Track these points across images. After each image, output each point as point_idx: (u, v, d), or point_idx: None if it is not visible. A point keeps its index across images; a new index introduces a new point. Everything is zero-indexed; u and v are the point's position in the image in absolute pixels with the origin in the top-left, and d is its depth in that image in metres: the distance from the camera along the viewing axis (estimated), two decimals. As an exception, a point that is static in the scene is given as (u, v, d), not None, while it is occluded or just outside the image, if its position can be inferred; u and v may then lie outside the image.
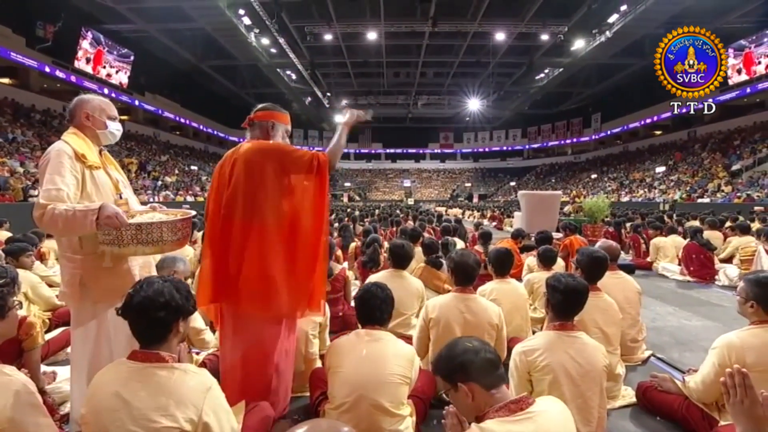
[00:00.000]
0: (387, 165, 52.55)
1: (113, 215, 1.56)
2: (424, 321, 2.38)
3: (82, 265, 1.73)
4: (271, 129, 2.01)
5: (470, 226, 9.69)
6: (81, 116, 1.86)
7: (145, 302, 1.27)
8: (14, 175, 12.14)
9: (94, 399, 1.25)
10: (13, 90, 19.39)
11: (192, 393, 1.25)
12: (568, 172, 39.79)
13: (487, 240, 5.11)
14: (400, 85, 33.79)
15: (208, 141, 38.05)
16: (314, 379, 2.15)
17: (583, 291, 1.80)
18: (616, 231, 7.93)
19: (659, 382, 2.16)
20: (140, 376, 1.25)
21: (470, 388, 1.22)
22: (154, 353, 1.28)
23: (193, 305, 1.40)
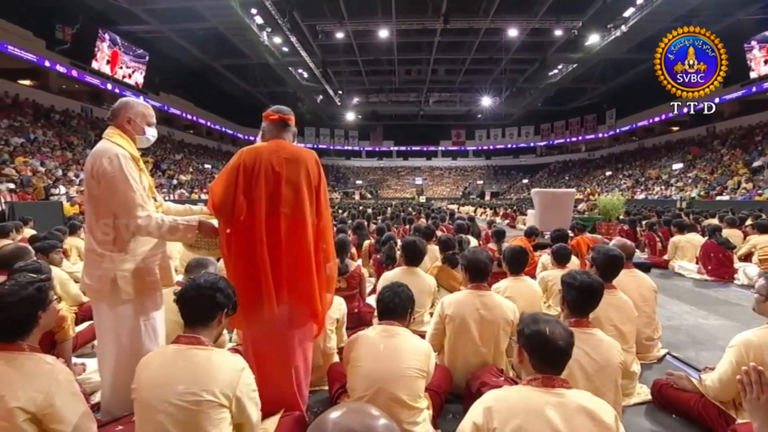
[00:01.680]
0: (398, 163, 52.48)
1: (211, 230, 1.94)
2: (440, 317, 2.42)
3: (115, 262, 1.81)
4: (296, 134, 2.13)
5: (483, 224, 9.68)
6: (123, 119, 1.95)
7: (204, 283, 1.49)
8: (36, 174, 12.48)
9: (143, 377, 1.42)
10: (33, 91, 19.87)
11: (228, 372, 1.42)
12: (582, 170, 39.27)
13: (501, 238, 5.12)
14: (411, 82, 33.68)
15: (221, 139, 38.51)
16: (333, 373, 2.21)
17: (598, 288, 1.83)
18: (631, 229, 7.85)
19: (675, 379, 2.16)
20: (183, 357, 1.42)
21: (522, 354, 1.34)
22: (196, 337, 1.46)
23: (236, 303, 1.57)
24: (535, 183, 41.51)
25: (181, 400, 1.35)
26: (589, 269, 2.53)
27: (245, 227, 1.85)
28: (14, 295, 1.42)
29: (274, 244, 1.85)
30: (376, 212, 11.54)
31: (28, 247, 2.82)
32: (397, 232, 7.34)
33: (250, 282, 1.83)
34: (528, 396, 1.26)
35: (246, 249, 1.85)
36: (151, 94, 26.52)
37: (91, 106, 23.03)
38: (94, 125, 21.34)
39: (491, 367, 2.26)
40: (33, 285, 1.48)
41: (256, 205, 1.84)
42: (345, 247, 3.66)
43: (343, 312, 2.70)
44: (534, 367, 1.31)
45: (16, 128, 15.75)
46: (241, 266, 1.87)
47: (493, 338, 2.33)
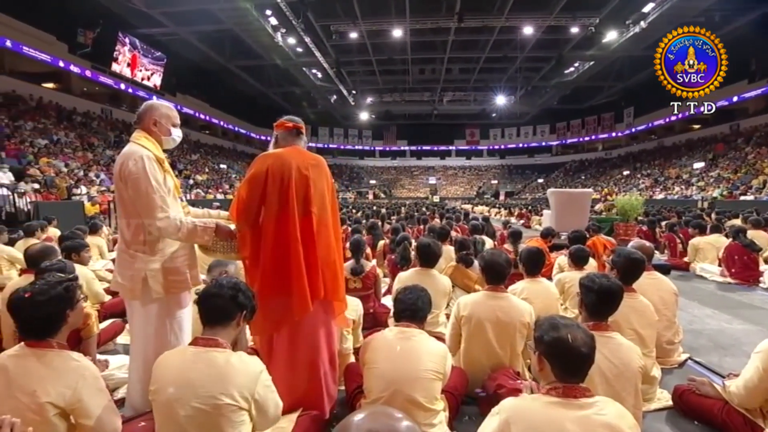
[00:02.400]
0: (412, 162, 52.35)
1: (228, 234, 1.97)
2: (456, 318, 2.42)
3: (146, 263, 1.87)
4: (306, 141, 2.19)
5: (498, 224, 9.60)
6: (149, 122, 2.00)
7: (226, 285, 1.51)
8: (60, 174, 12.83)
9: (162, 378, 1.43)
10: (56, 94, 20.45)
11: (247, 375, 1.44)
12: (599, 169, 38.60)
13: (517, 239, 5.08)
14: (425, 81, 33.57)
15: (236, 140, 39.03)
16: (349, 373, 2.23)
17: (617, 292, 1.80)
18: (650, 230, 7.69)
19: (697, 385, 2.12)
20: (202, 359, 1.43)
21: (543, 363, 1.30)
22: (214, 339, 1.47)
23: (254, 307, 1.60)
24: (550, 183, 40.95)
25: (201, 403, 1.37)
26: (609, 272, 2.49)
27: (279, 229, 1.92)
28: (44, 294, 1.47)
29: (308, 243, 1.94)
30: (390, 212, 11.54)
31: (54, 247, 2.91)
32: (411, 232, 7.33)
33: (282, 283, 1.89)
34: (548, 409, 1.21)
35: (281, 250, 1.91)
36: (168, 95, 27.02)
37: (110, 108, 23.61)
38: (113, 126, 21.86)
39: (507, 370, 2.25)
40: (62, 284, 1.53)
41: (290, 207, 1.91)
42: (360, 247, 3.68)
43: (359, 313, 2.72)
44: (556, 376, 1.27)
45: (41, 130, 16.23)
46: (274, 268, 1.92)
47: (509, 340, 2.32)
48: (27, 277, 2.61)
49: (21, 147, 13.65)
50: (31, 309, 1.44)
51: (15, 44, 16.98)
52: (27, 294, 1.45)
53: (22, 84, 18.50)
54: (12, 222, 8.02)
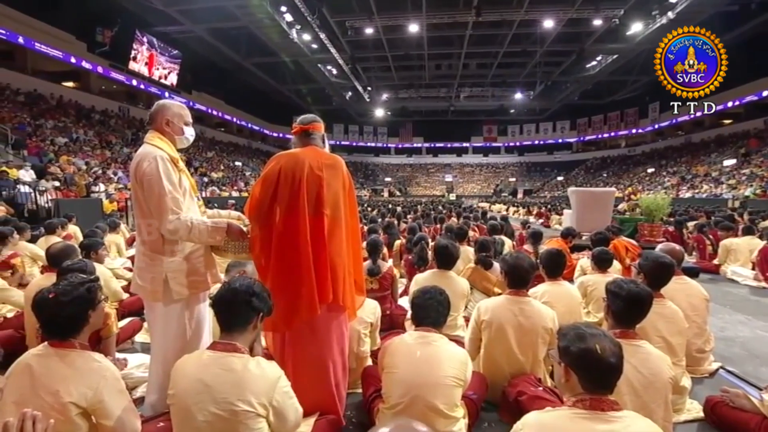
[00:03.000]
0: (428, 159, 52.19)
1: (239, 234, 1.98)
2: (476, 323, 2.39)
3: (166, 264, 1.90)
4: (324, 139, 2.16)
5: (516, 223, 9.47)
6: (162, 122, 2.02)
7: (240, 288, 1.50)
8: (79, 172, 13.19)
9: (180, 382, 1.44)
10: (76, 92, 21.08)
11: (265, 382, 1.44)
12: (621, 166, 37.77)
13: (538, 240, 4.99)
14: (441, 77, 33.33)
15: (251, 137, 39.52)
16: (367, 376, 2.23)
17: (646, 299, 1.75)
18: (677, 231, 7.48)
19: (731, 397, 2.05)
20: (219, 364, 1.44)
21: (569, 374, 1.26)
22: (232, 344, 1.47)
23: (271, 307, 1.59)
24: (570, 180, 40.30)
25: (218, 409, 1.38)
26: (635, 276, 2.43)
27: (289, 229, 1.92)
28: (67, 295, 1.50)
29: (318, 244, 1.94)
30: (406, 210, 11.51)
31: (74, 246, 2.98)
32: (427, 231, 7.29)
33: (291, 284, 1.90)
34: (574, 424, 1.17)
35: (290, 250, 1.91)
36: (183, 93, 27.51)
37: (128, 106, 24.19)
38: (130, 124, 22.37)
39: (529, 376, 2.21)
40: (84, 285, 1.56)
41: (300, 206, 1.91)
42: (378, 247, 3.67)
43: (377, 315, 2.71)
44: (583, 388, 1.23)
45: (60, 128, 16.73)
46: (283, 268, 1.93)
47: (531, 346, 2.29)
48: (49, 275, 2.69)
49: (42, 145, 14.09)
50: (54, 309, 1.48)
51: (27, 40, 17.32)
52: (51, 294, 1.49)
53: (43, 83, 19.12)
54: (34, 219, 8.27)
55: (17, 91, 17.21)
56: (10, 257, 4.05)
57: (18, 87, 17.44)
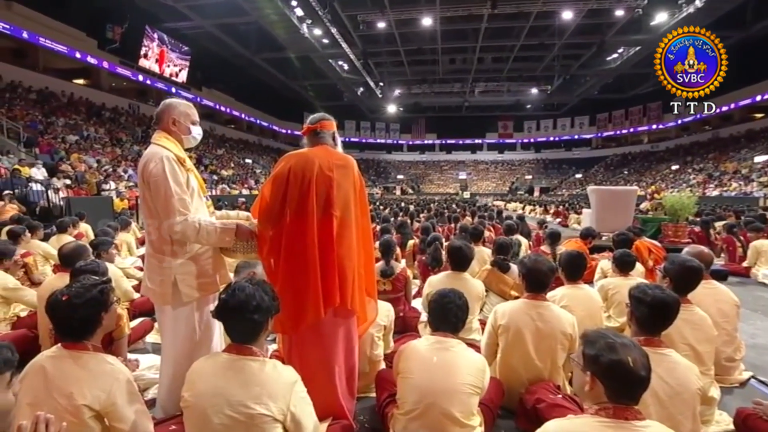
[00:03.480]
0: (441, 156, 52.01)
1: (249, 234, 1.99)
2: (493, 327, 2.38)
3: (174, 267, 1.92)
4: (335, 137, 2.15)
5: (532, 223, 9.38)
6: (168, 121, 2.04)
7: (239, 306, 1.47)
8: (90, 170, 13.46)
9: (195, 385, 1.46)
10: (86, 90, 21.48)
11: (281, 385, 1.45)
12: (644, 163, 37.09)
13: (555, 241, 4.93)
14: (456, 72, 33.17)
15: (261, 134, 39.86)
16: (381, 380, 2.23)
17: (672, 305, 1.71)
18: (704, 231, 7.31)
19: (765, 410, 1.99)
20: (235, 367, 1.45)
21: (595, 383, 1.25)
22: (247, 347, 1.49)
23: (279, 306, 1.58)
24: (589, 178, 39.77)
25: (234, 412, 1.39)
26: (660, 281, 2.38)
27: (297, 230, 1.93)
28: (80, 297, 1.53)
29: (326, 246, 1.94)
30: (419, 209, 11.48)
31: (86, 246, 3.04)
32: (441, 231, 7.26)
33: (298, 286, 1.91)
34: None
35: (298, 252, 1.93)
36: (193, 90, 27.87)
37: (138, 103, 24.58)
38: (140, 122, 22.71)
39: (547, 383, 2.19)
40: (96, 287, 1.59)
41: (309, 207, 1.91)
42: (391, 248, 3.67)
43: (391, 319, 2.71)
44: (608, 397, 1.23)
45: (71, 126, 17.09)
46: (290, 269, 1.94)
47: (549, 352, 2.26)
48: (62, 275, 2.75)
49: (53, 143, 14.42)
50: (67, 311, 1.52)
51: (31, 35, 17.54)
52: (64, 297, 1.52)
53: (54, 80, 19.53)
54: (46, 217, 8.47)
55: (29, 88, 17.63)
56: (23, 256, 4.16)
57: (30, 85, 17.86)
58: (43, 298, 2.71)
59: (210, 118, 31.38)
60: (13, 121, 13.70)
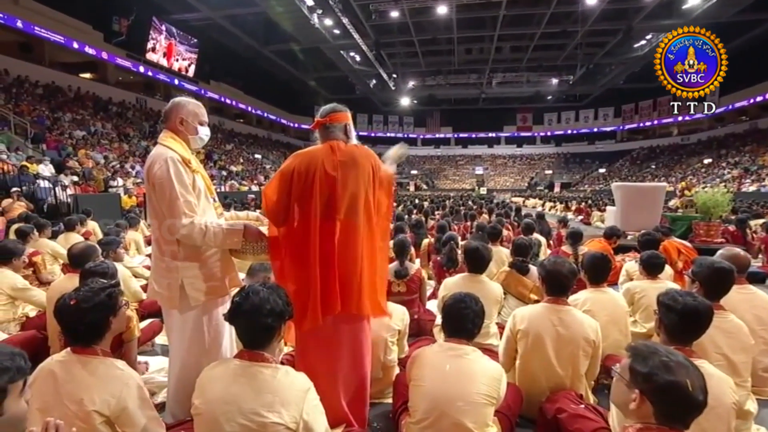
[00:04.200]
0: (457, 151, 51.80)
1: (257, 235, 2.00)
2: (511, 332, 2.36)
3: (182, 270, 1.94)
4: (347, 129, 2.10)
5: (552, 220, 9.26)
6: (176, 120, 2.05)
7: (252, 310, 1.48)
8: (97, 166, 13.75)
9: (207, 392, 1.48)
10: (93, 84, 21.87)
11: (294, 393, 1.46)
12: (673, 157, 36.35)
13: (577, 240, 4.88)
14: (472, 62, 32.98)
15: (270, 128, 40.15)
16: (398, 386, 2.24)
17: (705, 313, 1.68)
18: (740, 230, 7.12)
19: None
20: (247, 374, 1.47)
21: (644, 403, 1.22)
22: (259, 354, 1.51)
23: (292, 311, 1.60)
24: (613, 173, 39.14)
25: (247, 420, 1.40)
26: (689, 286, 2.33)
27: (299, 233, 1.95)
28: (89, 302, 1.57)
29: (327, 252, 1.93)
30: (434, 206, 11.46)
31: (95, 246, 3.11)
32: (457, 229, 7.24)
33: (299, 289, 1.93)
34: None
35: (299, 256, 1.95)
36: (201, 83, 28.18)
37: (145, 97, 24.98)
38: (148, 116, 23.09)
39: (569, 392, 2.17)
40: (105, 291, 1.64)
41: (312, 210, 1.92)
42: (405, 248, 3.68)
43: (405, 323, 2.71)
44: (656, 418, 1.20)
45: (78, 121, 17.45)
46: (292, 273, 1.97)
47: (571, 359, 2.24)
48: (71, 276, 2.81)
49: (61, 139, 14.73)
50: (76, 316, 1.55)
51: (26, 24, 17.56)
52: (72, 301, 1.56)
53: (60, 75, 19.93)
54: (53, 214, 8.68)
55: (36, 83, 18.04)
56: (32, 255, 4.27)
57: (36, 79, 18.26)
58: (52, 299, 2.79)
59: (218, 112, 31.71)
60: (20, 116, 14.01)
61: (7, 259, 3.34)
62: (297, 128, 43.76)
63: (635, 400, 1.24)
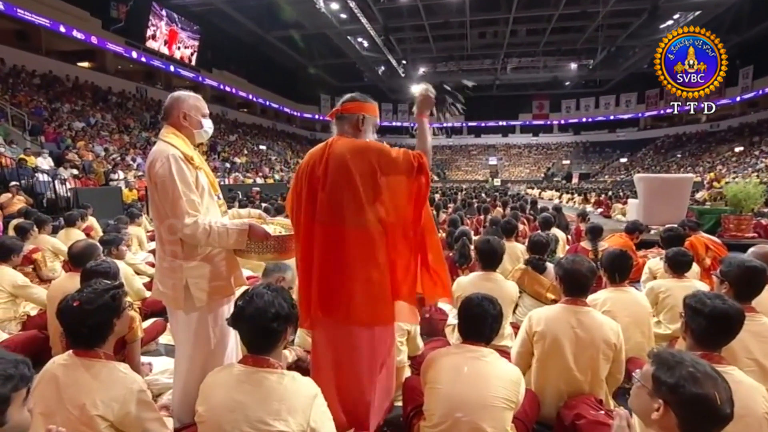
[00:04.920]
0: (470, 140, 51.57)
1: (263, 235, 2.00)
2: (527, 334, 2.35)
3: (186, 270, 1.96)
4: (361, 123, 2.07)
5: (571, 213, 9.19)
6: (178, 116, 2.06)
7: (256, 314, 1.49)
8: (97, 159, 13.90)
9: (211, 399, 1.50)
10: (91, 73, 21.99)
11: (301, 399, 1.47)
12: (701, 145, 35.72)
13: (597, 236, 4.85)
14: (486, 47, 32.62)
15: (275, 118, 40.22)
16: (408, 389, 2.24)
17: (736, 318, 1.65)
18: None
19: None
20: (252, 380, 1.48)
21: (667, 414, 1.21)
22: (265, 359, 1.51)
23: (297, 316, 1.61)
24: (636, 162, 38.67)
25: (253, 429, 1.41)
26: (718, 286, 2.30)
27: (298, 234, 2.08)
28: (92, 303, 1.60)
29: (307, 255, 2.01)
30: (446, 199, 11.43)
31: (96, 244, 3.15)
32: (470, 223, 7.22)
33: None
34: None
35: (297, 257, 2.10)
36: (203, 71, 28.24)
37: (145, 87, 25.12)
38: (149, 106, 23.25)
39: (588, 397, 2.16)
40: (108, 293, 1.66)
41: (301, 212, 2.02)
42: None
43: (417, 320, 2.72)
44: (681, 430, 1.19)
45: (77, 112, 17.61)
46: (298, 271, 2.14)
47: (590, 363, 2.23)
48: (72, 275, 2.86)
49: (59, 131, 14.89)
50: (79, 318, 1.58)
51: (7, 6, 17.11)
52: (75, 303, 1.59)
53: (58, 64, 20.02)
54: (53, 209, 8.81)
55: (33, 73, 18.19)
56: (32, 252, 4.35)
57: (33, 69, 18.38)
58: (53, 298, 2.84)
59: (221, 101, 31.80)
60: (17, 107, 14.12)
61: (6, 257, 3.41)
62: (302, 118, 43.79)
63: (658, 410, 1.22)
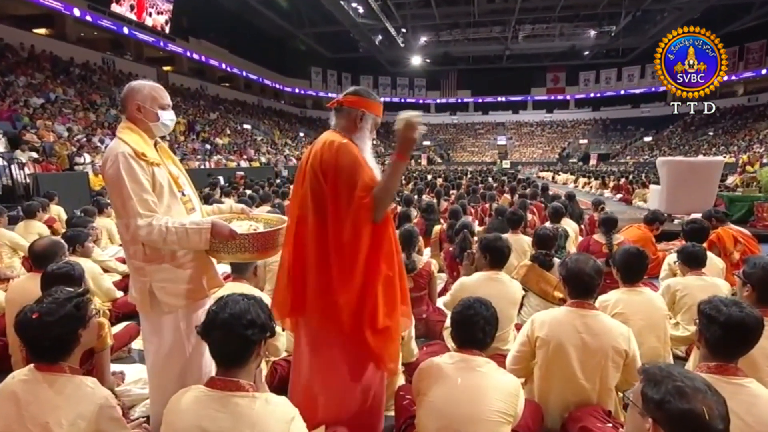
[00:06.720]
0: (476, 118, 51.49)
1: (228, 234, 1.98)
2: (528, 338, 2.37)
3: (149, 273, 1.98)
4: (360, 120, 2.12)
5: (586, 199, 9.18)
6: (132, 108, 2.06)
7: (231, 319, 1.48)
8: (60, 140, 13.74)
9: (175, 425, 1.49)
10: (50, 41, 21.50)
11: (276, 424, 1.46)
12: (737, 122, 35.65)
13: (611, 228, 4.85)
14: (495, 12, 32.30)
15: (261, 93, 39.97)
16: (401, 399, 2.29)
17: (753, 327, 1.68)
18: (808, 215, 7.06)
19: None
20: (220, 405, 1.46)
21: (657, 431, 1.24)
22: (234, 381, 1.50)
23: (273, 329, 1.62)
24: (661, 141, 38.66)
25: None
26: (740, 288, 2.33)
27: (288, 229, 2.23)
28: (53, 315, 1.61)
29: (287, 249, 2.16)
30: (448, 185, 11.42)
31: (60, 242, 3.15)
32: (474, 212, 7.24)
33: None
34: None
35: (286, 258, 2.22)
36: (179, 41, 27.88)
37: (113, 57, 24.79)
38: (117, 80, 22.95)
39: (595, 408, 2.20)
40: (71, 302, 1.68)
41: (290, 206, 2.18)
42: (412, 239, 3.72)
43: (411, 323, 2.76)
44: None
45: (35, 87, 17.31)
46: None
47: (598, 371, 2.26)
48: (33, 275, 2.85)
49: (14, 108, 14.56)
50: (39, 331, 1.59)
51: None
52: (34, 315, 1.60)
53: (10, 30, 19.45)
54: (10, 197, 8.75)
55: (-20, 40, 17.79)
56: (-15, 248, 4.36)
57: (-19, 36, 17.95)
58: (12, 300, 2.85)
59: (200, 74, 31.50)
60: (-38, 81, 13.78)
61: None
62: (291, 93, 43.46)
63: (649, 429, 1.25)
